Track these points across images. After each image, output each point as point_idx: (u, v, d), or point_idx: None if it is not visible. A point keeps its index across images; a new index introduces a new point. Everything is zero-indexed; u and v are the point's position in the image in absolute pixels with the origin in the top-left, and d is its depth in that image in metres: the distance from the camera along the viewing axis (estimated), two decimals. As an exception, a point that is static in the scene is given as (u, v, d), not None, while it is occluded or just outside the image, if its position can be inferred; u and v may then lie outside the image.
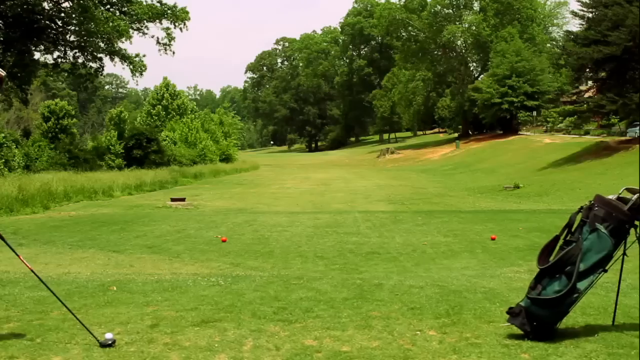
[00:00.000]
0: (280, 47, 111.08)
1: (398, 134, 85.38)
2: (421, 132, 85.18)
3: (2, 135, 21.36)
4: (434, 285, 4.67)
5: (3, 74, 2.94)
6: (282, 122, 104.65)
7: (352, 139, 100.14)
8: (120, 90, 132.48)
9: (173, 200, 21.03)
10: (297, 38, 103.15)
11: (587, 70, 30.53)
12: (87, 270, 6.48)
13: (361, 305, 3.88)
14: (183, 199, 21.15)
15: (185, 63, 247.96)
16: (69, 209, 18.82)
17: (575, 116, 33.51)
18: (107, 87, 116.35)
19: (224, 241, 10.21)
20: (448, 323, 3.45)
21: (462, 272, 7.27)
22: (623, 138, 32.98)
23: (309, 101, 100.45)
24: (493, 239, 10.23)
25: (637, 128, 33.34)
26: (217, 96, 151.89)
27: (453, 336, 3.21)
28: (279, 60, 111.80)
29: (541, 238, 10.35)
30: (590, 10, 29.80)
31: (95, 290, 4.37)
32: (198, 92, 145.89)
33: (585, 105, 32.19)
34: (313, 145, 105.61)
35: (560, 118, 43.77)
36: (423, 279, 5.09)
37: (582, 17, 30.57)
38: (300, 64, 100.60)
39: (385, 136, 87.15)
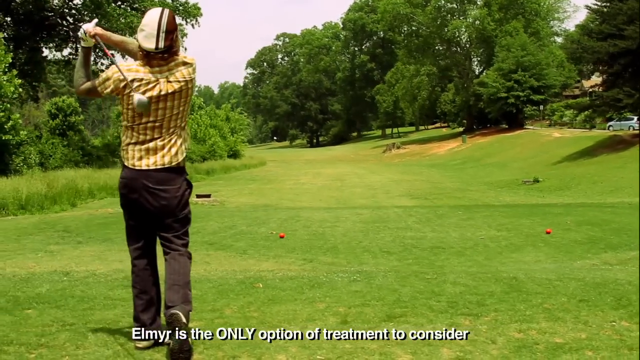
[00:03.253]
0: (280, 43, 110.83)
1: (401, 129, 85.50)
2: (423, 127, 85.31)
3: (24, 133, 21.20)
4: (567, 278, 4.69)
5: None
6: (283, 118, 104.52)
7: (354, 134, 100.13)
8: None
9: (198, 196, 20.96)
10: (298, 34, 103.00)
11: (602, 64, 30.68)
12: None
13: (528, 298, 3.89)
14: (208, 195, 21.10)
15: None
16: (95, 205, 18.75)
17: (590, 110, 33.75)
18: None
19: (281, 237, 10.18)
20: (632, 314, 3.48)
21: (537, 265, 7.31)
22: (635, 132, 33.16)
23: (311, 97, 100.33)
24: (548, 233, 10.22)
25: (635, 122, 33.54)
26: (215, 92, 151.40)
27: (651, 327, 3.25)
28: (280, 56, 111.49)
29: (595, 231, 10.40)
30: (605, 4, 29.95)
31: (242, 287, 4.36)
32: (197, 88, 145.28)
33: (597, 100, 32.37)
34: (315, 140, 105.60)
35: (571, 111, 43.90)
36: (551, 272, 5.12)
37: (595, 11, 30.71)
38: (301, 60, 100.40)
39: (388, 131, 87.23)
